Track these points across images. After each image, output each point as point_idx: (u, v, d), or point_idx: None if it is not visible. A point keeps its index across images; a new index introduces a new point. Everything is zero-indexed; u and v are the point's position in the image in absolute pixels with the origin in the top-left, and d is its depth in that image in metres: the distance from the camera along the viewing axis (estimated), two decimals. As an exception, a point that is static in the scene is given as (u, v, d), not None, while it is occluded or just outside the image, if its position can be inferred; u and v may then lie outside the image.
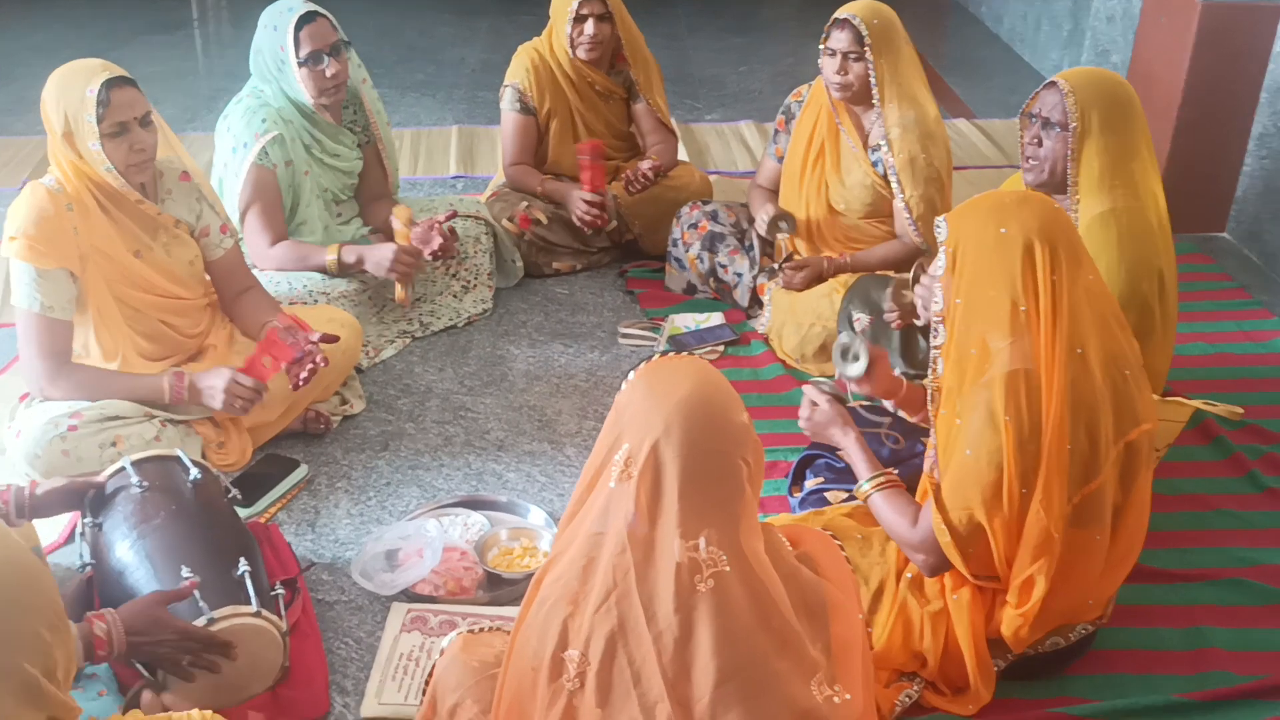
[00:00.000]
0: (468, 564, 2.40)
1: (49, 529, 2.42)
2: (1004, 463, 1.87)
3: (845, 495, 2.46)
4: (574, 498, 1.55)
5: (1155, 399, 2.40)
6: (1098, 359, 1.90)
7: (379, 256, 3.13)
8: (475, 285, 3.52)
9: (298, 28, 3.06)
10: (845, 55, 3.16)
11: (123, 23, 7.03)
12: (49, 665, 1.15)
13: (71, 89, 2.49)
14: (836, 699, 1.46)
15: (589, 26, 3.62)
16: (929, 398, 2.03)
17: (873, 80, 3.16)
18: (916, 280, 2.60)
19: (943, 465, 1.96)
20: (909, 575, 2.11)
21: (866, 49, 3.13)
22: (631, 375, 1.53)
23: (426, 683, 1.84)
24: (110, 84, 2.49)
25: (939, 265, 1.96)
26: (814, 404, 2.24)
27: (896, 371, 2.96)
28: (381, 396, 3.11)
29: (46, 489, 2.17)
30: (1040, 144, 2.55)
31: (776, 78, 6.16)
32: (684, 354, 1.55)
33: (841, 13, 3.18)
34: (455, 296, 3.49)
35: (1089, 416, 1.89)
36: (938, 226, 1.98)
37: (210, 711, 1.26)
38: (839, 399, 2.27)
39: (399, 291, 3.16)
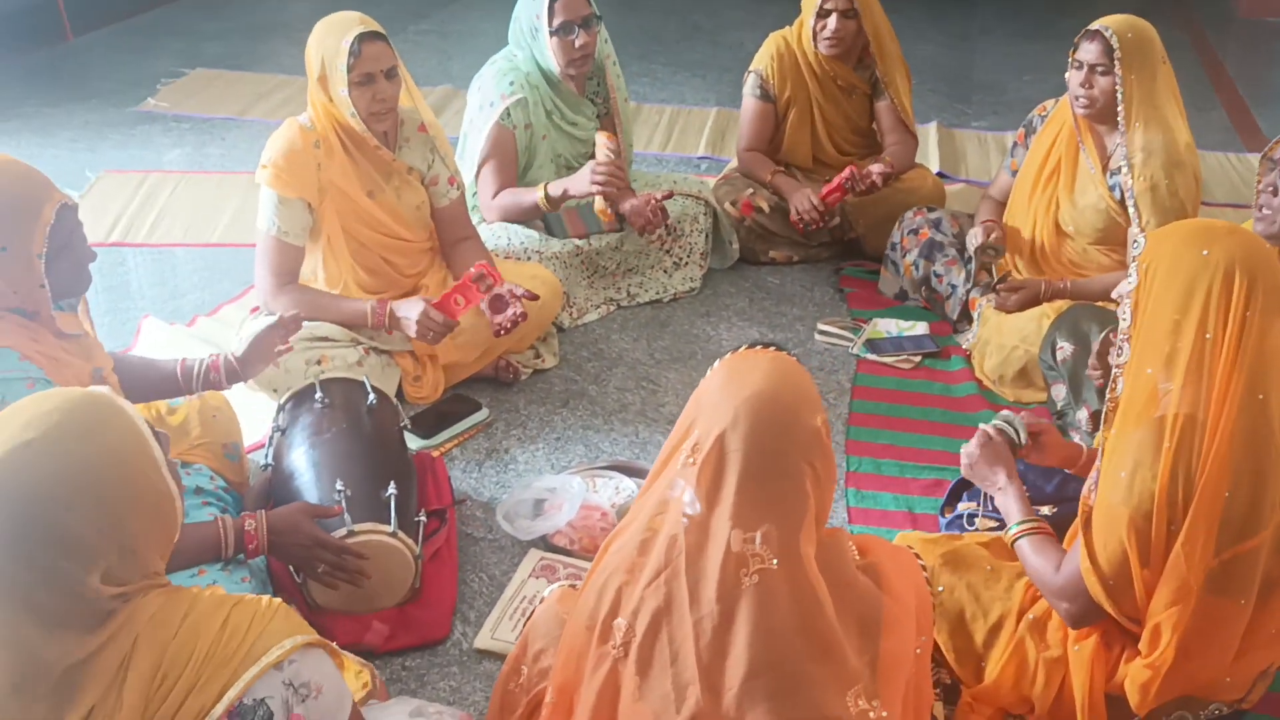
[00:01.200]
0: (605, 525, 2.49)
1: (252, 431, 2.69)
2: (1156, 494, 1.76)
3: (994, 524, 2.37)
4: (650, 473, 1.60)
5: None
6: None
7: (581, 177, 3.25)
8: (686, 263, 3.60)
9: None
10: (1092, 68, 3.01)
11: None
12: (92, 563, 1.29)
13: (329, 38, 2.75)
14: (872, 714, 1.44)
15: (831, 21, 3.60)
16: (1103, 418, 1.92)
17: (1119, 97, 2.99)
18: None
19: (1101, 488, 1.85)
20: (1031, 616, 2.02)
21: (1116, 63, 2.96)
22: (717, 363, 1.55)
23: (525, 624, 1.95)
24: (363, 37, 2.72)
25: (1131, 281, 1.86)
26: (988, 438, 2.17)
27: (1091, 409, 2.82)
28: (574, 357, 3.25)
29: (244, 351, 2.40)
30: (1276, 193, 2.35)
31: (1062, 89, 5.85)
32: (771, 348, 1.55)
33: (1094, 24, 3.02)
34: (665, 272, 3.58)
35: (1256, 467, 1.74)
36: (1135, 242, 1.88)
37: (280, 600, 1.40)
38: (1013, 445, 2.18)
39: (600, 205, 3.27)
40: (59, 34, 5.92)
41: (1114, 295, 2.08)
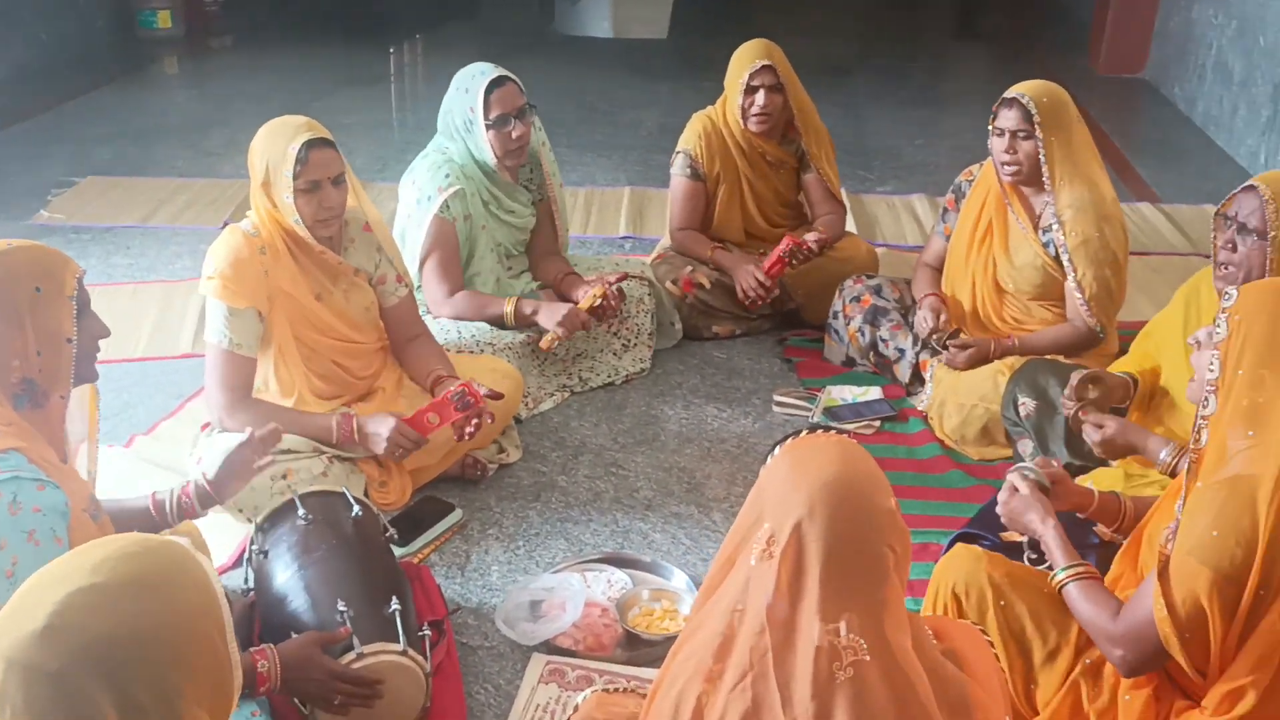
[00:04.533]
0: (608, 621, 2.43)
1: (220, 553, 2.55)
2: (1254, 557, 1.73)
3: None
4: (711, 572, 1.55)
5: None
6: None
7: (554, 311, 3.24)
8: (635, 344, 3.58)
9: (488, 91, 3.20)
10: (1014, 134, 3.12)
11: (327, 74, 7.47)
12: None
13: (276, 143, 2.67)
14: (974, 799, 1.41)
15: (760, 98, 3.66)
16: (1185, 469, 1.91)
17: (1043, 159, 3.11)
18: (1091, 382, 2.54)
19: (1181, 538, 1.82)
20: (1088, 661, 2.00)
21: (1036, 127, 3.08)
22: (776, 451, 1.52)
23: (559, 737, 1.87)
24: (311, 144, 2.65)
25: (1219, 333, 1.87)
26: (1014, 489, 2.18)
27: (1060, 461, 2.87)
28: (537, 448, 3.18)
29: (215, 471, 2.28)
30: (1235, 249, 2.45)
31: (954, 152, 6.09)
32: (830, 431, 1.53)
33: (1010, 92, 3.15)
34: (615, 354, 3.56)
35: None
36: (1227, 294, 1.89)
37: None
38: (1042, 487, 2.20)
39: (546, 339, 3.24)
40: (-67, 147, 5.65)
41: (1190, 341, 2.09)
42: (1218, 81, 6.22)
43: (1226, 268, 2.45)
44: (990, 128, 3.21)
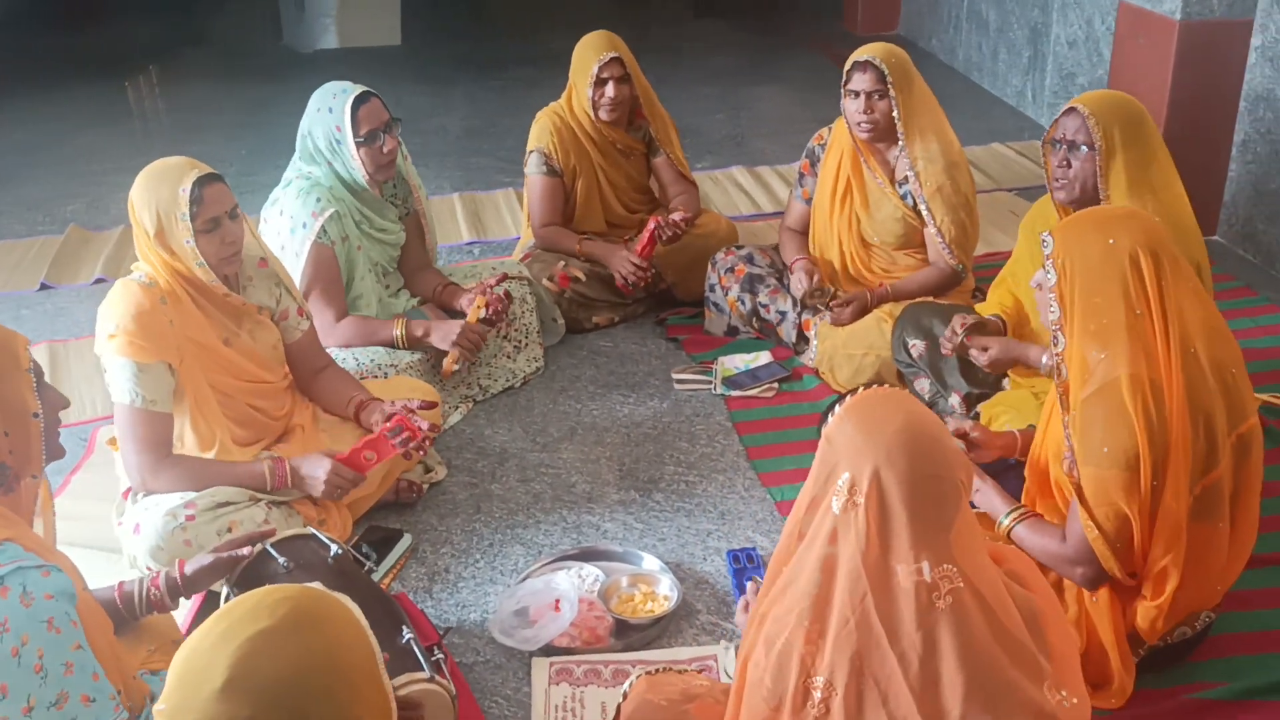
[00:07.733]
0: (597, 614, 2.47)
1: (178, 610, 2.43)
2: (1140, 457, 1.98)
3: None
4: (787, 531, 1.63)
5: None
6: (1207, 359, 2.04)
7: (446, 330, 3.23)
8: (526, 345, 3.60)
9: (355, 108, 3.14)
10: (869, 95, 3.33)
11: (73, 116, 7.03)
12: None
13: (162, 189, 2.54)
14: (1065, 703, 1.55)
15: (609, 89, 3.74)
16: (1059, 401, 2.13)
17: (896, 116, 3.33)
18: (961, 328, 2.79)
19: (1082, 461, 2.04)
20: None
21: (890, 86, 3.30)
22: (838, 409, 1.62)
23: (613, 725, 1.92)
24: (201, 181, 2.54)
25: (1050, 277, 2.08)
26: None
27: (961, 392, 3.10)
28: (460, 461, 3.17)
29: (195, 567, 2.21)
30: (1069, 165, 2.71)
31: (754, 122, 6.36)
32: (885, 386, 1.63)
33: (860, 55, 3.35)
34: (509, 358, 3.57)
35: (1206, 411, 2.02)
36: (1044, 240, 2.10)
37: None
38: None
39: (448, 361, 3.23)
40: None
41: (1032, 285, 2.32)
42: (974, 30, 6.74)
43: (1060, 183, 2.72)
44: (843, 90, 3.41)
